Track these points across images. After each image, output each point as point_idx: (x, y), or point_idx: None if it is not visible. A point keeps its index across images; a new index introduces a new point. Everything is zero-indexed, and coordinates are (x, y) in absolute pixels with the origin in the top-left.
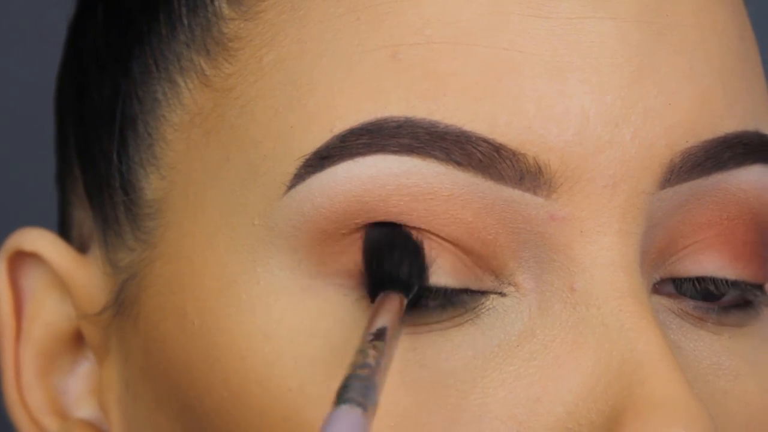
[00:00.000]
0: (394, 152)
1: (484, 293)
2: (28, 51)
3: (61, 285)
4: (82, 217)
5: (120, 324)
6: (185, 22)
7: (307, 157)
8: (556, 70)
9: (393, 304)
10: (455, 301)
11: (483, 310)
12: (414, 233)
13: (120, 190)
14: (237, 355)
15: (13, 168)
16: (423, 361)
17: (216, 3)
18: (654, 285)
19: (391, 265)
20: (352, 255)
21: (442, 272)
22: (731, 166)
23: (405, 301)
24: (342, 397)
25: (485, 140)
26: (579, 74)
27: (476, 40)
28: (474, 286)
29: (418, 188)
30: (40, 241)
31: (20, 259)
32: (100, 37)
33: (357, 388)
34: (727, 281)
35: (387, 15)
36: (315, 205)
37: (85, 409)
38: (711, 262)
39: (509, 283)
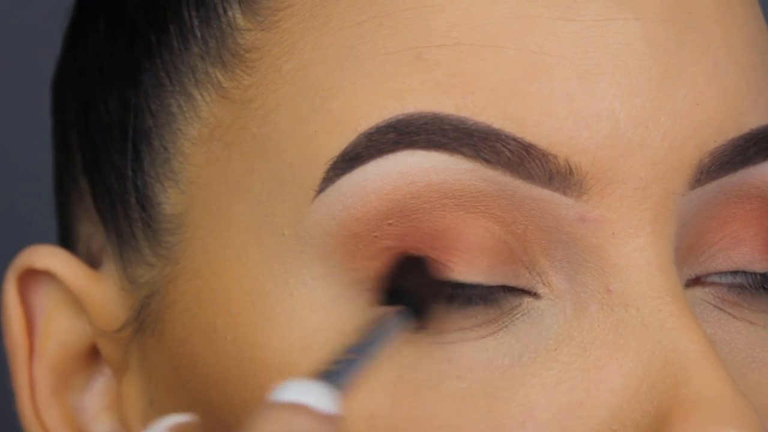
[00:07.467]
0: (423, 148)
1: (518, 294)
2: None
3: (75, 302)
4: (91, 231)
5: (142, 341)
6: (198, 33)
7: (335, 159)
8: (585, 73)
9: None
10: (491, 301)
11: (517, 316)
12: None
13: (136, 205)
14: (274, 369)
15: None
16: (459, 373)
17: (230, 14)
18: (687, 280)
19: (404, 282)
20: (386, 260)
21: (477, 270)
22: (757, 161)
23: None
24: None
25: (514, 139)
26: (608, 77)
27: (503, 42)
28: (510, 282)
29: (447, 185)
30: (52, 258)
31: (30, 276)
32: (103, 49)
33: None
34: (757, 275)
35: (411, 20)
36: (346, 206)
37: (102, 424)
38: (741, 256)
39: (543, 283)
